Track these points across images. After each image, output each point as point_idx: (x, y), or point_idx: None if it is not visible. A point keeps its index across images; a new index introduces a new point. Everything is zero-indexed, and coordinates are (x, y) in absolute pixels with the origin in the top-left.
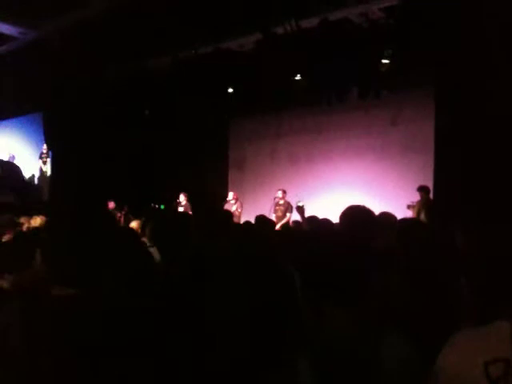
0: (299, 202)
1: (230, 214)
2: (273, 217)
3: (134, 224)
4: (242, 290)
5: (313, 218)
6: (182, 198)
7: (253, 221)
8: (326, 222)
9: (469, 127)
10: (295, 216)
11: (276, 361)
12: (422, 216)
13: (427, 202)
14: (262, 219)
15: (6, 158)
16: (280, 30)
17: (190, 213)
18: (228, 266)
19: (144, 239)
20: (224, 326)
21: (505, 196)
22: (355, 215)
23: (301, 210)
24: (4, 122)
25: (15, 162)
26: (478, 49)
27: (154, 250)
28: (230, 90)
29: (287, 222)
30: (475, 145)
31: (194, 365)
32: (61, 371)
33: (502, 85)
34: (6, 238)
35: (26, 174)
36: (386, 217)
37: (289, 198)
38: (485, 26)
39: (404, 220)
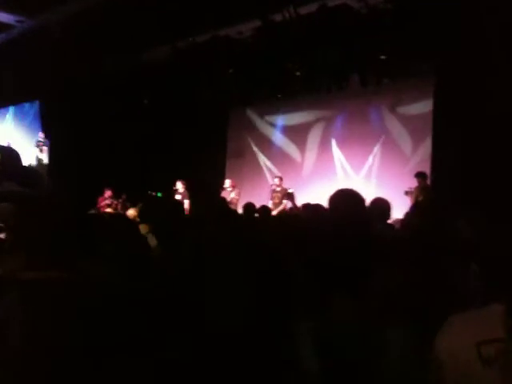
0: (289, 189)
1: (225, 201)
2: (270, 204)
3: (131, 211)
4: (242, 279)
5: (307, 205)
6: (180, 186)
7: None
8: (319, 207)
9: (468, 114)
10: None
11: (277, 350)
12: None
13: (425, 188)
14: (248, 207)
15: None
16: (279, 17)
17: (187, 200)
18: (227, 254)
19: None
20: (225, 316)
21: (505, 181)
22: (343, 199)
23: (291, 196)
24: (0, 111)
25: None
26: (478, 36)
27: (150, 237)
28: (229, 80)
29: (284, 209)
30: (474, 131)
31: (193, 355)
32: (61, 368)
33: (504, 73)
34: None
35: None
36: (379, 203)
37: (286, 185)
38: (486, 12)
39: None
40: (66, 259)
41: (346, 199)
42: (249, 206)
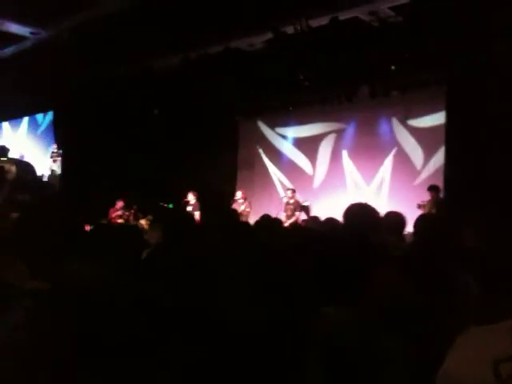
0: (305, 201)
1: (236, 213)
2: (282, 216)
3: (142, 222)
4: (249, 292)
5: (315, 219)
6: (191, 197)
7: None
8: (330, 221)
9: (480, 126)
10: (304, 215)
11: (287, 359)
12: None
13: (438, 201)
14: (267, 219)
15: (17, 157)
16: (290, 30)
17: (199, 212)
18: (234, 267)
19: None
20: (231, 329)
21: None
22: (357, 212)
23: (306, 209)
24: (15, 121)
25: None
26: (489, 45)
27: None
28: (240, 93)
29: (296, 221)
30: (486, 144)
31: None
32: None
33: None
34: None
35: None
36: (393, 216)
37: (297, 197)
38: (497, 21)
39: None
40: (65, 267)
41: (359, 212)
42: (265, 218)
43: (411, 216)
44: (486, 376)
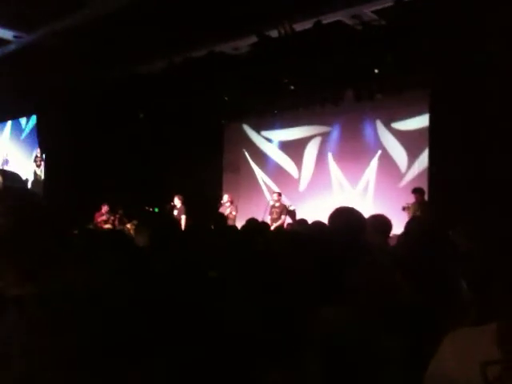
0: (290, 206)
1: (223, 217)
2: (267, 219)
3: (128, 226)
4: (245, 293)
5: (302, 222)
6: (177, 201)
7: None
8: (317, 224)
9: (464, 128)
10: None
11: (283, 359)
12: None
13: (423, 204)
14: (253, 223)
15: (0, 161)
16: (274, 34)
17: (184, 216)
18: (227, 269)
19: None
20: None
21: (503, 197)
22: (343, 217)
23: (292, 213)
24: None
25: (9, 165)
26: (473, 48)
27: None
28: (225, 97)
29: (281, 225)
30: (472, 145)
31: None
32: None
33: (501, 86)
34: None
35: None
36: (379, 218)
37: (283, 200)
38: (481, 22)
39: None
40: (54, 271)
41: (344, 216)
42: (252, 221)
43: (397, 218)
44: (472, 378)
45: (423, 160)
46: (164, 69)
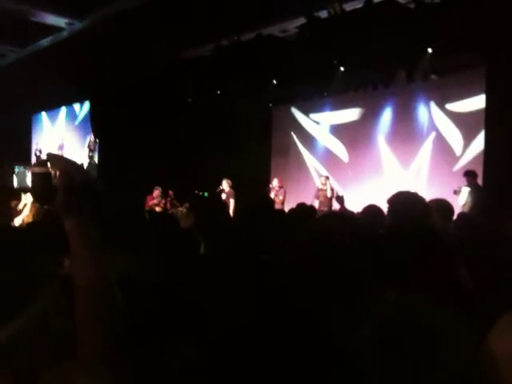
0: (338, 192)
1: (272, 201)
2: (316, 203)
3: (180, 209)
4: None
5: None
6: (225, 185)
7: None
8: (371, 207)
9: None
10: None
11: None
12: (469, 201)
13: (474, 188)
14: (302, 207)
15: (56, 147)
16: (324, 14)
17: (233, 199)
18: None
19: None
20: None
21: None
22: (405, 200)
23: (340, 200)
24: (52, 112)
25: (64, 150)
26: None
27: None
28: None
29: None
30: None
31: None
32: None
33: None
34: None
35: None
36: (442, 203)
37: (333, 184)
38: None
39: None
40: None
41: (408, 199)
42: (301, 206)
43: (451, 202)
44: None
45: (479, 143)
46: (212, 53)
